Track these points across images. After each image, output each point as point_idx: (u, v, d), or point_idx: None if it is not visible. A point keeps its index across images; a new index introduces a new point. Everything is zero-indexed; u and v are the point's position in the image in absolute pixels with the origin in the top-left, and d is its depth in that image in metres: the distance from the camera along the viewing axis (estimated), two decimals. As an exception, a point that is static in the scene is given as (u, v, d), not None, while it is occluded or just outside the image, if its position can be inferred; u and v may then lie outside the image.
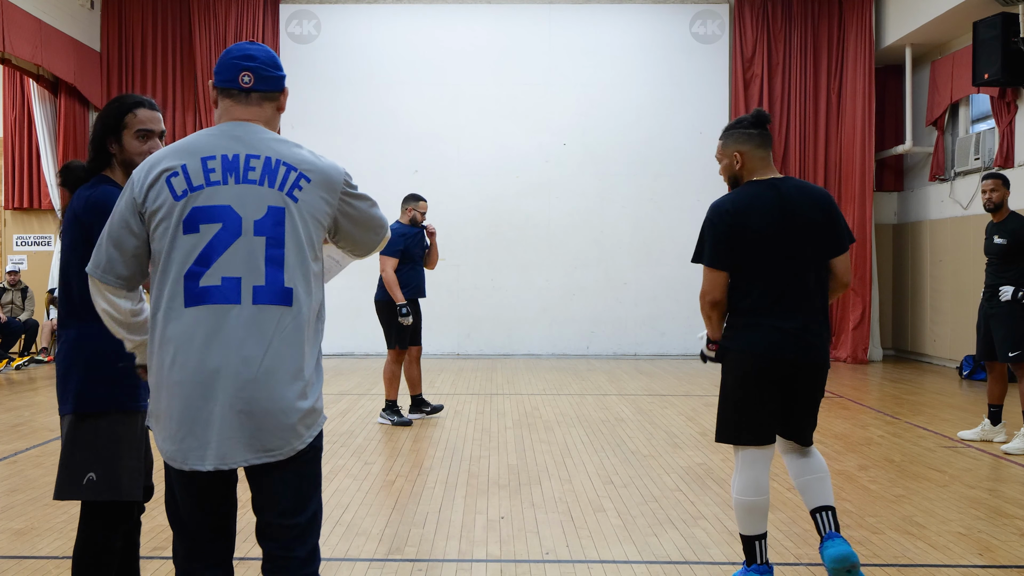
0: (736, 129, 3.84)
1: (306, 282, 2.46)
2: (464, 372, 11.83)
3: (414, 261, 7.91)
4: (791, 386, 3.73)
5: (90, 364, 3.01)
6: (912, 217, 13.78)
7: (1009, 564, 4.27)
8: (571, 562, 4.26)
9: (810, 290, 3.71)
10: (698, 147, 13.92)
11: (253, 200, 2.42)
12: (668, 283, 13.88)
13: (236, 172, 2.44)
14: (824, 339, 3.76)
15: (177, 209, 2.41)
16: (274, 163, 2.47)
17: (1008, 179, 6.97)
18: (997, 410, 7.06)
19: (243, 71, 2.53)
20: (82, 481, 2.99)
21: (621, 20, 13.99)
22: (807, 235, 3.71)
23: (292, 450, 2.43)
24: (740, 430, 3.75)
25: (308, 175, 2.49)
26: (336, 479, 5.83)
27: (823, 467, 3.84)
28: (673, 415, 8.43)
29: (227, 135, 2.50)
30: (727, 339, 3.79)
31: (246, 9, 13.77)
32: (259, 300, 2.39)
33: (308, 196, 2.48)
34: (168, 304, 2.40)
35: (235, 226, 2.41)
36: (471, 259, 13.79)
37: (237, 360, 2.36)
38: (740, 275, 3.72)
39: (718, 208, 3.76)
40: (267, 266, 2.40)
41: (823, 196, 3.81)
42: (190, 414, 2.39)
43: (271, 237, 2.42)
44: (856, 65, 13.37)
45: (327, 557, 4.29)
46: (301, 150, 2.54)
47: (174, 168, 2.44)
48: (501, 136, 13.90)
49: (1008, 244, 6.74)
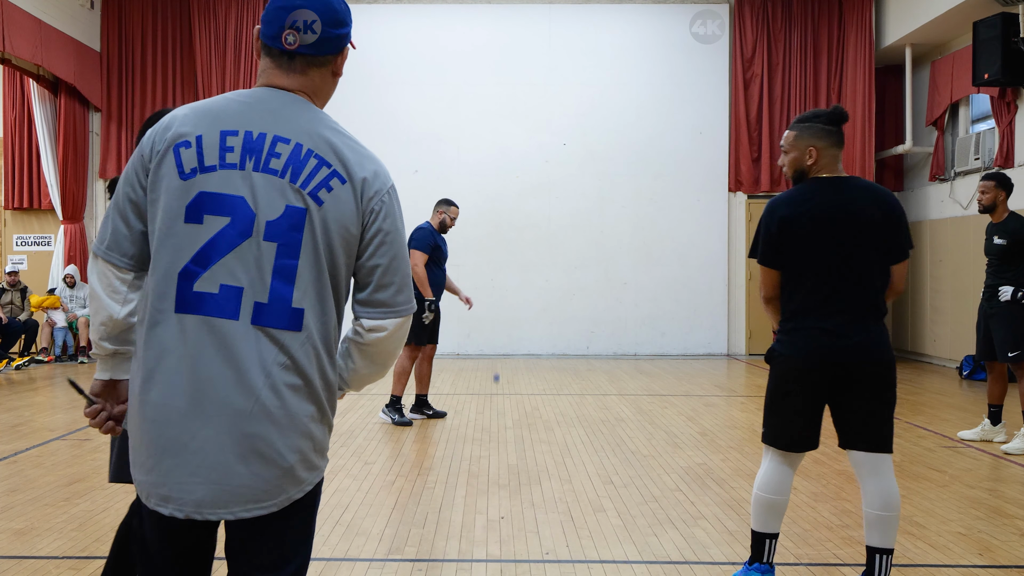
0: (814, 123, 3.70)
1: (321, 304, 2.00)
2: (464, 372, 11.83)
3: (439, 264, 7.93)
4: (845, 389, 3.61)
5: None
6: (912, 217, 13.78)
7: (1009, 564, 4.27)
8: (571, 562, 4.26)
9: (863, 290, 3.59)
10: (698, 147, 13.93)
11: (271, 195, 1.96)
12: (668, 283, 13.89)
13: (257, 156, 1.98)
14: (877, 338, 3.60)
15: (181, 189, 1.97)
16: (304, 152, 2.00)
17: (1007, 179, 6.95)
18: (997, 410, 7.06)
19: (288, 28, 2.03)
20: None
21: (621, 20, 14.00)
22: (864, 236, 3.57)
23: (287, 500, 2.00)
24: (782, 435, 3.69)
25: (343, 174, 2.01)
26: (336, 479, 5.83)
27: (895, 504, 3.58)
28: (673, 415, 8.43)
29: (259, 106, 2.03)
30: (776, 342, 3.74)
31: (246, 9, 13.77)
32: (260, 320, 1.95)
33: (337, 201, 2.00)
34: (155, 304, 1.97)
35: (246, 224, 1.95)
36: (471, 259, 13.79)
37: (229, 389, 1.93)
38: (790, 274, 3.66)
39: (772, 206, 3.70)
40: (275, 279, 1.96)
41: (890, 199, 3.66)
42: (163, 444, 1.96)
43: (284, 244, 1.96)
44: (856, 65, 13.38)
45: (327, 557, 4.29)
46: (344, 139, 2.07)
47: (187, 136, 1.99)
48: (501, 136, 13.90)
49: (1008, 244, 6.74)
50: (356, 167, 2.04)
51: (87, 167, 13.80)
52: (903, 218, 3.66)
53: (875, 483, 3.59)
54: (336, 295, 2.04)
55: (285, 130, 2.01)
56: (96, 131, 14.03)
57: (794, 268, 3.64)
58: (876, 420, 3.60)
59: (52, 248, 13.78)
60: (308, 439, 2.01)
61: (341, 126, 2.10)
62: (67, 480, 5.79)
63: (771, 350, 3.76)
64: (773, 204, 3.71)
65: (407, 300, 2.12)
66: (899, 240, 3.64)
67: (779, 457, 3.71)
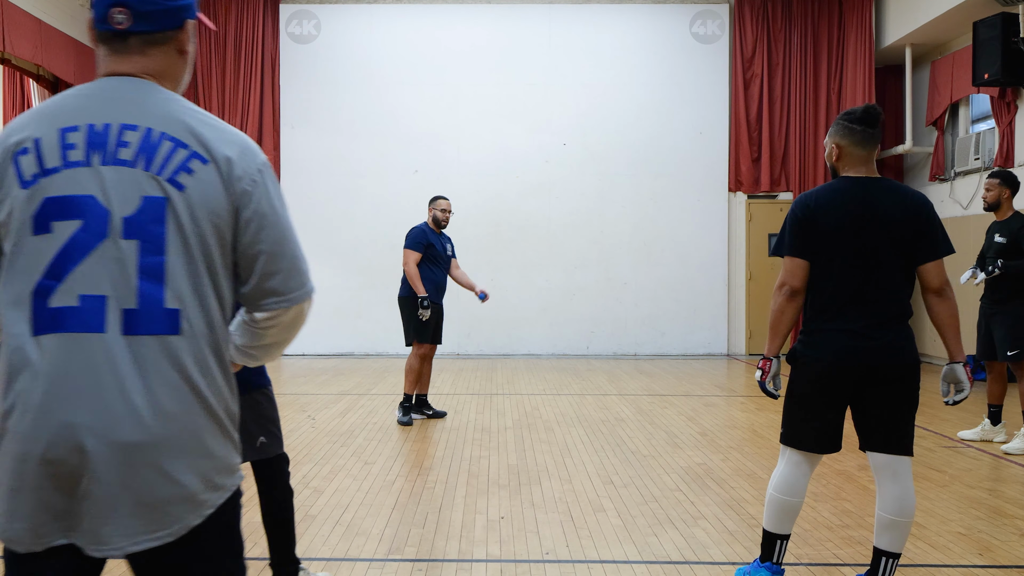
0: (842, 120, 3.71)
1: (201, 301, 1.79)
2: (464, 372, 11.83)
3: (434, 262, 7.94)
4: (863, 393, 3.59)
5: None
6: (912, 217, 13.78)
7: (1009, 564, 4.27)
8: (571, 562, 4.26)
9: (887, 292, 3.57)
10: (698, 147, 13.93)
11: (124, 188, 1.75)
12: (668, 283, 13.89)
13: (103, 149, 1.77)
14: (901, 342, 3.58)
15: (25, 200, 1.75)
16: (156, 136, 1.79)
17: (1012, 176, 6.93)
18: (997, 410, 7.06)
19: (115, 6, 1.83)
20: (255, 444, 3.56)
21: (621, 20, 13.99)
22: (889, 237, 3.56)
23: (184, 528, 1.76)
24: (805, 437, 3.67)
25: (204, 154, 1.81)
26: (336, 479, 5.83)
27: (911, 511, 3.58)
28: (673, 415, 8.43)
29: (100, 96, 1.83)
30: (799, 343, 3.71)
31: (246, 9, 13.78)
32: (131, 329, 1.72)
33: (202, 184, 1.79)
34: (9, 330, 1.75)
35: (99, 225, 1.73)
36: (471, 259, 13.76)
37: (103, 413, 1.69)
38: (816, 272, 3.63)
39: (802, 200, 3.71)
40: (142, 280, 1.73)
41: (918, 201, 3.63)
42: (28, 482, 1.71)
43: (146, 240, 1.74)
44: (856, 65, 13.37)
45: (327, 557, 4.29)
46: (201, 116, 1.86)
47: (24, 143, 1.78)
48: (501, 136, 13.90)
49: (1008, 243, 6.73)
50: (218, 145, 1.82)
51: (87, 167, 13.79)
52: (933, 219, 3.62)
53: (892, 487, 3.58)
54: (217, 290, 1.82)
55: (131, 116, 1.80)
56: (96, 131, 14.02)
57: (821, 263, 3.62)
58: (898, 422, 3.59)
59: (52, 248, 13.78)
60: (207, 458, 1.78)
61: (198, 107, 1.90)
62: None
63: (793, 351, 3.74)
64: (804, 198, 3.72)
65: (300, 284, 1.91)
66: (927, 240, 3.60)
67: (798, 458, 3.70)
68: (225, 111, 13.74)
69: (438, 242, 8.02)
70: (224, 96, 13.77)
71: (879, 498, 3.64)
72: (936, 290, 3.64)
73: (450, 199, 8.39)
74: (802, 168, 13.73)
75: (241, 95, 13.76)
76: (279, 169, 13.89)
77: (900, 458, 3.59)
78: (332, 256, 13.76)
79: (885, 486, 3.60)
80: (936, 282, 3.64)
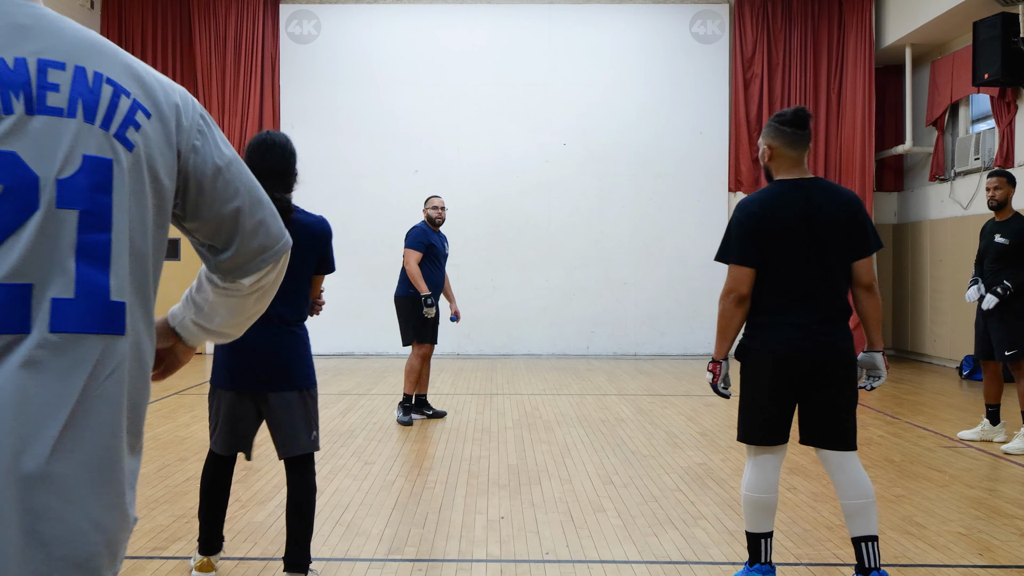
0: (773, 122, 3.80)
1: (142, 296, 1.42)
2: (464, 372, 11.84)
3: (434, 262, 7.92)
4: (810, 386, 3.69)
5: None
6: (912, 217, 13.79)
7: (1009, 564, 4.27)
8: (571, 562, 4.26)
9: (833, 291, 3.70)
10: (698, 147, 13.93)
11: (57, 144, 1.34)
12: (668, 283, 13.89)
13: (26, 91, 1.33)
14: (844, 339, 3.70)
15: None
16: (92, 78, 1.38)
17: (1014, 177, 6.92)
18: (995, 410, 7.05)
19: None
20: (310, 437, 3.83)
21: (621, 20, 13.99)
22: (831, 236, 3.68)
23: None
24: (755, 429, 3.75)
25: (147, 104, 1.44)
26: (336, 479, 5.83)
27: (869, 491, 3.69)
28: (673, 415, 8.43)
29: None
30: (748, 338, 3.80)
31: (246, 9, 13.78)
32: (63, 325, 1.31)
33: (149, 143, 1.43)
34: None
35: (27, 191, 1.31)
36: (471, 259, 13.79)
37: (14, 439, 1.25)
38: (762, 274, 3.71)
39: (745, 206, 3.77)
40: (80, 263, 1.34)
41: (851, 199, 3.77)
42: None
43: (88, 212, 1.35)
44: (856, 65, 13.38)
45: (327, 557, 4.29)
46: (129, 56, 1.47)
47: None
48: (501, 136, 13.90)
49: (1009, 244, 6.69)
50: (161, 92, 1.48)
51: (87, 167, 13.79)
52: (865, 216, 3.78)
53: (843, 477, 3.70)
54: (155, 283, 1.47)
55: (50, 49, 1.36)
56: (96, 131, 14.02)
57: (766, 268, 3.71)
58: (844, 419, 3.72)
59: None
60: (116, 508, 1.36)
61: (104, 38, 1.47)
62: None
63: (742, 346, 3.82)
64: (746, 205, 3.79)
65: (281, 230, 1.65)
66: (863, 237, 3.74)
67: (760, 454, 3.76)
68: (225, 111, 13.75)
69: (438, 241, 8.02)
70: (224, 96, 13.77)
71: (837, 489, 3.74)
72: (867, 285, 3.78)
73: (444, 198, 8.38)
74: (802, 168, 13.72)
75: (241, 95, 13.76)
76: (279, 169, 13.88)
77: (846, 453, 3.70)
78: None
79: (836, 477, 3.72)
80: (867, 278, 3.78)
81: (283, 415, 3.77)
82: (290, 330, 3.81)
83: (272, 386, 3.75)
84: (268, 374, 3.75)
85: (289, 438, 3.78)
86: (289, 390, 3.77)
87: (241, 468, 6.02)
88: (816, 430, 3.73)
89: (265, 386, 3.76)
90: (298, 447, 3.80)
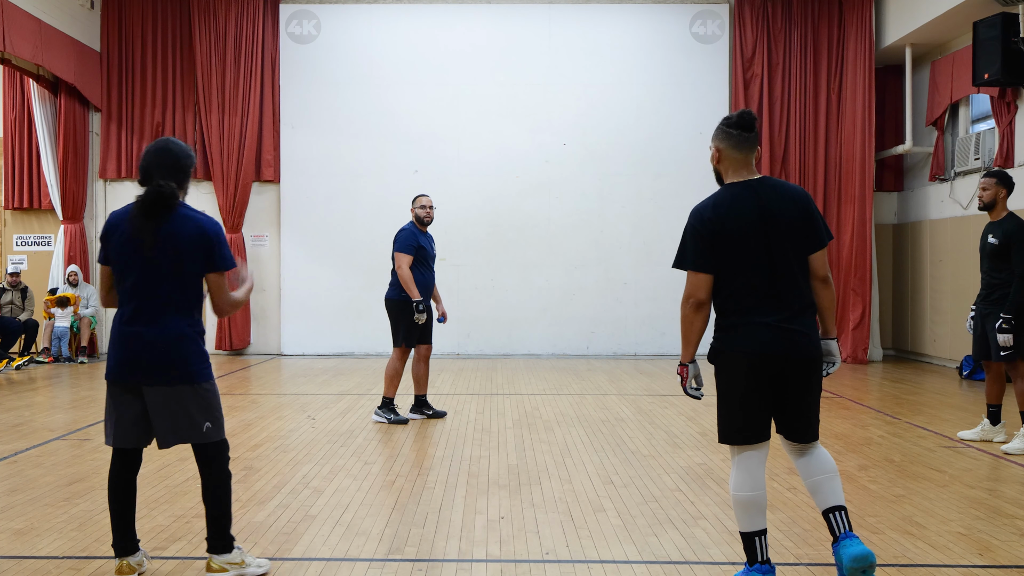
0: (721, 125, 3.89)
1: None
2: (464, 372, 11.84)
3: (423, 264, 7.88)
4: (784, 382, 3.76)
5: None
6: (912, 217, 13.79)
7: (1009, 564, 4.27)
8: (571, 562, 4.26)
9: (796, 287, 3.76)
10: (698, 147, 13.90)
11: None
12: (668, 283, 13.87)
13: None
14: (813, 334, 3.78)
15: None
16: None
17: (1008, 177, 6.93)
18: (996, 410, 7.05)
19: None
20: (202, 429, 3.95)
21: (621, 20, 14.00)
22: (787, 233, 3.75)
23: None
24: (735, 429, 3.79)
25: None
26: (336, 479, 5.83)
27: (831, 466, 3.82)
28: (673, 415, 8.43)
29: None
30: (718, 340, 3.84)
31: (246, 9, 13.78)
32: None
33: None
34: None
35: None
36: (471, 259, 13.80)
37: None
38: (725, 277, 3.76)
39: (699, 212, 3.82)
40: None
41: (800, 195, 3.85)
42: None
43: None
44: (856, 65, 13.37)
45: (327, 557, 4.29)
46: None
47: None
48: (501, 136, 13.90)
49: (999, 244, 6.71)
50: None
51: (87, 167, 13.79)
52: (815, 209, 3.86)
53: (807, 459, 3.83)
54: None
55: None
56: (96, 131, 14.03)
57: (727, 271, 3.75)
58: (810, 412, 3.82)
59: (52, 248, 13.79)
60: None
61: None
62: (67, 480, 5.79)
63: (714, 349, 3.86)
64: (700, 211, 3.83)
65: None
66: (815, 230, 3.81)
67: (743, 453, 3.79)
68: (225, 111, 13.75)
69: (427, 243, 7.97)
70: (224, 96, 13.77)
71: (799, 469, 3.85)
72: (823, 278, 3.85)
73: (445, 198, 8.36)
74: (802, 168, 13.72)
75: (241, 95, 13.76)
76: (279, 169, 13.90)
77: (810, 444, 3.84)
78: (332, 256, 13.77)
79: (798, 460, 3.86)
80: (823, 270, 3.84)
81: (163, 409, 3.90)
82: (176, 327, 3.91)
83: (150, 380, 3.88)
84: (150, 368, 3.88)
85: (169, 431, 3.92)
86: (169, 384, 3.89)
87: (241, 468, 6.02)
88: (786, 424, 3.82)
89: (144, 379, 3.88)
90: (177, 439, 3.93)
